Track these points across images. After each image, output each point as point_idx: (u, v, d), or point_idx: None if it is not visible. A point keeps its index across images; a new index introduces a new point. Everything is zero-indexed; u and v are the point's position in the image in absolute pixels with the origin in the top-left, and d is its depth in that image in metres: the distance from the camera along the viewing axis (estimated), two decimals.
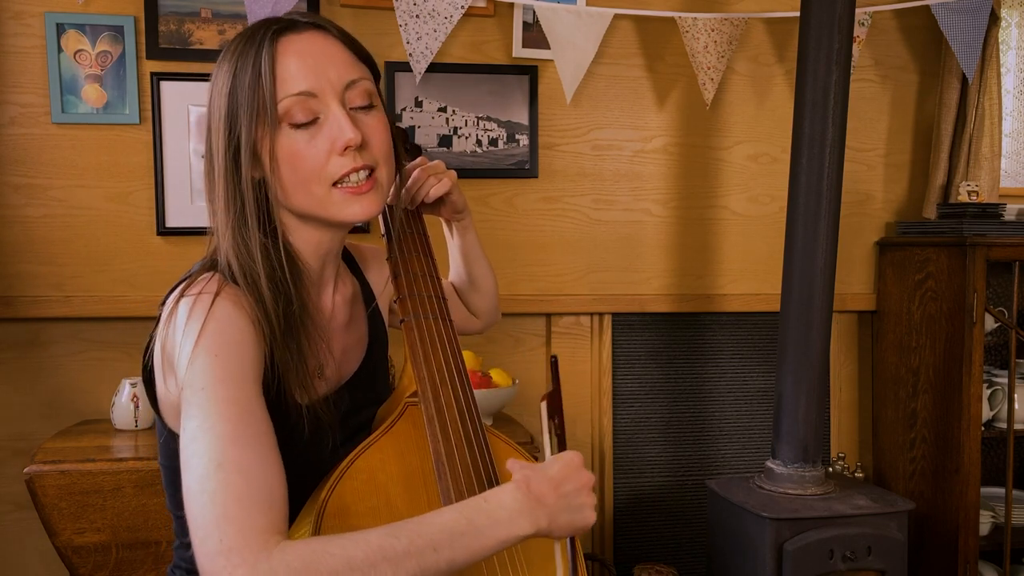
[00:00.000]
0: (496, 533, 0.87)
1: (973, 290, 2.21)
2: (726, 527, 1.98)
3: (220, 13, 2.14)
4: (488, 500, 0.89)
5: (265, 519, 0.81)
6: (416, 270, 1.16)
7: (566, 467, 0.93)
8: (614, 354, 2.42)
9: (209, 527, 0.79)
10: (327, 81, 0.99)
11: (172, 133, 2.12)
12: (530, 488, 0.90)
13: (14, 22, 2.06)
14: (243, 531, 0.79)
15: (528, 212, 2.35)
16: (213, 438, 0.84)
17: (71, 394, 2.14)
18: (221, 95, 1.00)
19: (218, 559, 0.78)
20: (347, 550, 0.79)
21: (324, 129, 0.99)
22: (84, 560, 1.74)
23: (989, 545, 2.32)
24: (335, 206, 1.01)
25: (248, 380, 0.91)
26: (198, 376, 0.89)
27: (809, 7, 1.91)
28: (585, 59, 2.21)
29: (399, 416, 1.08)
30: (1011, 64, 2.78)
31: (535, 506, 0.89)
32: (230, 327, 0.93)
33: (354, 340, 1.17)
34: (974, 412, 2.22)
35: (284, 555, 0.78)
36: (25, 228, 2.10)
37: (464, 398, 1.07)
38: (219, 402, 0.87)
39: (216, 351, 0.90)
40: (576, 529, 0.93)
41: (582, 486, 0.93)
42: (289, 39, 0.99)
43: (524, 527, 0.88)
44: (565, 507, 0.91)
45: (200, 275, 0.99)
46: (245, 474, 0.83)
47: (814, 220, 1.92)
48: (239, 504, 0.81)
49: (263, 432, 0.88)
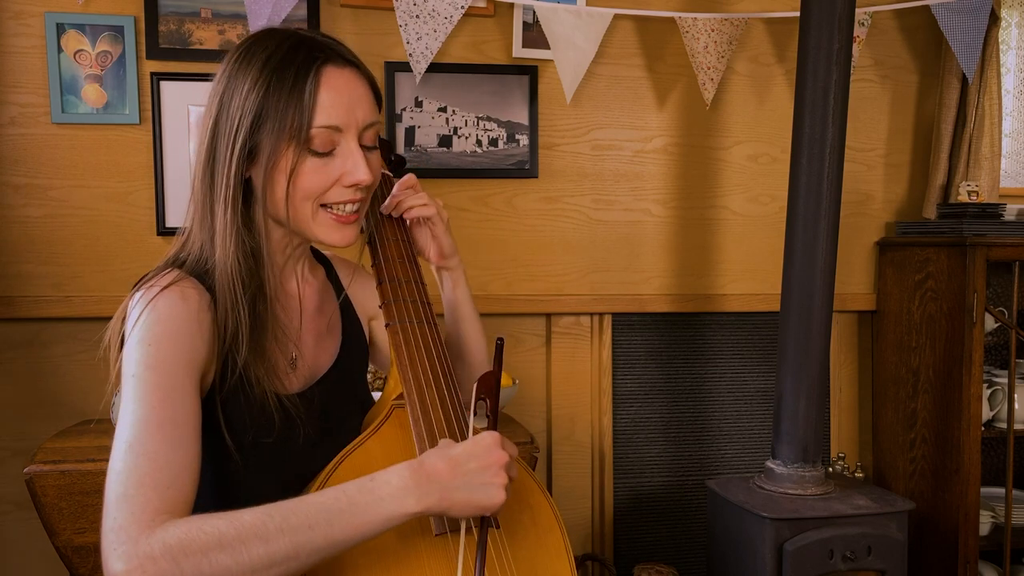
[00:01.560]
0: (379, 510, 0.88)
1: (973, 290, 2.21)
2: (726, 527, 1.98)
3: (220, 13, 2.14)
4: (374, 479, 0.90)
5: (159, 500, 0.85)
6: (400, 276, 1.17)
7: (474, 445, 0.93)
8: (614, 354, 2.42)
9: (109, 506, 0.84)
10: (354, 120, 1.04)
11: (172, 133, 2.12)
12: (423, 465, 0.91)
13: (14, 22, 2.06)
14: (134, 511, 0.83)
15: (528, 212, 2.35)
16: (132, 422, 0.89)
17: (71, 394, 2.14)
18: (244, 101, 1.02)
19: (109, 535, 0.82)
20: (220, 528, 0.83)
21: (338, 161, 1.04)
22: (84, 560, 1.74)
23: (989, 545, 2.32)
24: (319, 227, 1.06)
25: (179, 368, 0.94)
26: (131, 364, 0.94)
27: (809, 7, 1.91)
28: (585, 59, 2.21)
29: (385, 418, 1.09)
30: (1011, 64, 2.78)
31: (424, 483, 0.89)
32: (169, 318, 0.97)
33: (324, 330, 1.18)
34: (974, 412, 2.22)
35: (164, 533, 0.82)
36: (25, 228, 2.10)
37: (450, 399, 1.07)
38: (144, 388, 0.92)
39: (150, 340, 0.95)
40: (478, 508, 0.92)
41: (489, 464, 0.92)
42: (332, 72, 1.03)
43: (410, 504, 0.89)
44: (463, 485, 0.91)
45: (160, 271, 1.04)
46: (151, 456, 0.87)
47: (814, 220, 1.92)
48: (139, 485, 0.85)
49: (183, 418, 0.92)
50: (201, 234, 1.06)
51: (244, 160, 1.02)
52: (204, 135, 1.04)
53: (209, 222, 1.04)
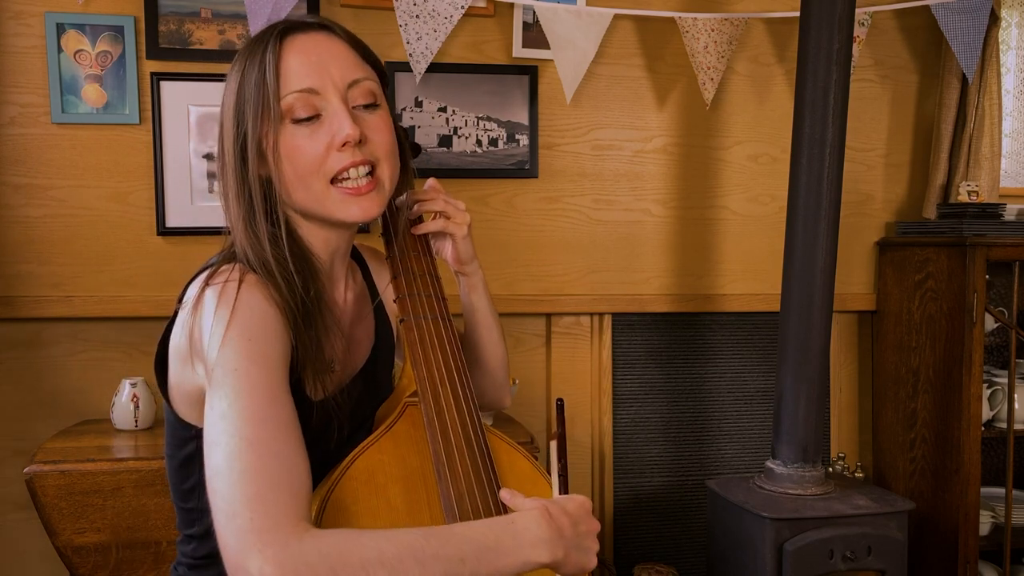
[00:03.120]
0: (519, 555, 0.88)
1: (973, 290, 2.21)
2: (726, 527, 1.98)
3: (220, 13, 2.14)
4: (515, 522, 0.90)
5: (295, 504, 0.81)
6: (416, 269, 1.15)
7: (581, 508, 0.96)
8: (614, 354, 2.42)
9: (238, 505, 0.79)
10: (330, 79, 1.00)
11: (172, 133, 2.12)
12: (552, 519, 0.91)
13: (14, 22, 2.06)
14: (273, 513, 0.79)
15: (528, 212, 2.35)
16: (245, 418, 0.85)
17: (71, 394, 2.14)
18: (231, 94, 1.02)
19: (248, 536, 0.78)
20: (379, 543, 0.80)
21: (325, 125, 1.00)
22: (84, 560, 1.74)
23: (989, 545, 2.32)
24: (333, 204, 1.02)
25: (278, 365, 0.91)
26: (230, 357, 0.89)
27: (809, 7, 1.91)
28: (585, 59, 2.21)
29: (399, 416, 1.07)
30: (1011, 64, 2.78)
31: (556, 537, 0.90)
32: (259, 312, 0.94)
33: (362, 336, 1.17)
34: (974, 412, 2.22)
35: (317, 540, 0.78)
36: (25, 228, 2.10)
37: (464, 398, 1.06)
38: (250, 383, 0.87)
39: (249, 335, 0.91)
40: (582, 569, 0.94)
41: (592, 530, 0.96)
42: (294, 38, 1.01)
43: (544, 555, 0.89)
44: (577, 545, 0.93)
45: (222, 265, 1.00)
46: (276, 456, 0.83)
47: (814, 220, 1.92)
48: (271, 485, 0.81)
49: (291, 418, 0.88)
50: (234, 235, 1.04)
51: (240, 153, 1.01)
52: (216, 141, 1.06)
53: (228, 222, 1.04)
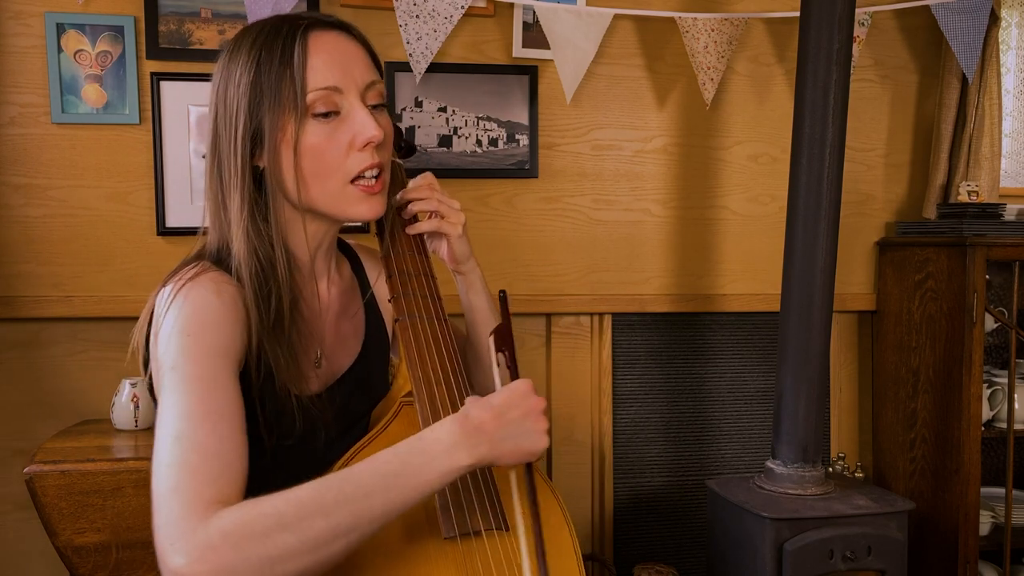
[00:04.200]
0: (434, 467, 0.87)
1: (973, 290, 2.21)
2: (726, 527, 1.98)
3: (220, 13, 2.14)
4: (422, 438, 0.89)
5: (212, 490, 0.82)
6: (410, 269, 1.15)
7: (512, 394, 0.93)
8: (614, 354, 2.42)
9: (160, 500, 0.82)
10: (352, 79, 1.02)
11: (172, 133, 2.12)
12: (468, 418, 0.90)
13: (14, 22, 2.06)
14: (187, 503, 0.80)
15: (528, 212, 2.35)
16: (176, 414, 0.87)
17: (71, 394, 2.14)
18: (238, 86, 1.00)
19: (163, 530, 0.80)
20: (278, 508, 0.80)
21: (346, 124, 1.01)
22: (84, 560, 1.74)
23: (989, 545, 2.32)
24: (348, 202, 1.03)
25: (218, 359, 0.92)
26: (171, 355, 0.91)
27: (809, 7, 1.91)
28: (585, 59, 2.21)
29: (394, 416, 1.07)
30: (1011, 64, 2.78)
31: (473, 435, 0.89)
32: (204, 308, 0.95)
33: (348, 331, 1.17)
34: (974, 412, 2.22)
35: (219, 519, 0.79)
36: (25, 228, 2.10)
37: (460, 398, 1.06)
38: (186, 379, 0.89)
39: (189, 331, 0.92)
40: (525, 454, 0.93)
41: (529, 410, 0.93)
42: (319, 35, 1.01)
43: (462, 458, 0.88)
44: (509, 434, 0.91)
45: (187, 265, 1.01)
46: (199, 448, 0.85)
47: (814, 220, 1.92)
48: (191, 477, 0.82)
49: (226, 410, 0.89)
50: (218, 231, 1.04)
51: (248, 145, 1.00)
52: (209, 133, 1.04)
53: (224, 217, 1.03)
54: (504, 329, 1.00)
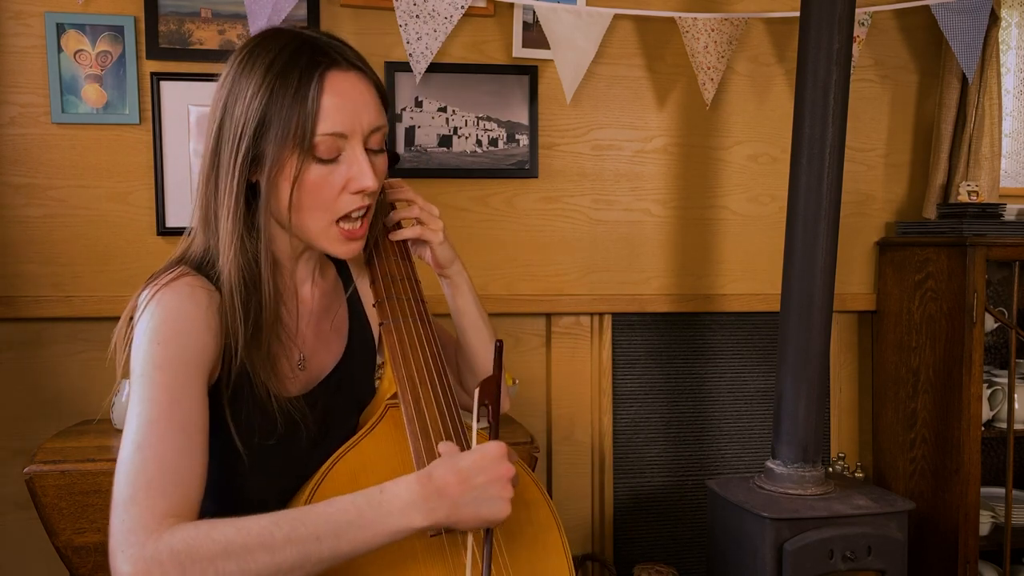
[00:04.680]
0: (386, 524, 0.87)
1: (973, 290, 2.21)
2: (726, 527, 1.98)
3: (220, 13, 2.14)
4: (384, 491, 0.89)
5: (166, 503, 0.85)
6: (394, 272, 1.16)
7: (482, 458, 0.92)
8: (614, 354, 2.42)
9: (117, 507, 0.85)
10: (359, 125, 1.02)
11: (172, 133, 2.12)
12: (431, 478, 0.90)
13: (14, 22, 2.06)
14: (142, 513, 0.83)
15: (528, 212, 2.35)
16: (140, 422, 0.89)
17: (71, 394, 2.14)
18: (248, 107, 1.00)
19: (116, 536, 0.83)
20: (227, 536, 0.83)
21: (343, 168, 1.02)
22: (84, 560, 1.74)
23: (989, 545, 2.32)
24: (329, 240, 1.05)
25: (188, 367, 0.94)
26: (139, 362, 0.93)
27: (809, 7, 1.91)
28: (585, 59, 2.21)
29: (380, 418, 1.08)
30: (1011, 64, 2.78)
31: (432, 497, 0.89)
32: (176, 316, 0.96)
33: (330, 332, 1.17)
34: (974, 412, 2.22)
35: (171, 537, 0.82)
36: (25, 228, 2.10)
37: (444, 398, 1.07)
38: (153, 387, 0.91)
39: (159, 339, 0.94)
40: (484, 522, 0.92)
41: (496, 477, 0.92)
42: (336, 77, 1.01)
43: (416, 519, 0.88)
44: (472, 500, 0.90)
45: (166, 270, 1.03)
46: (159, 459, 0.87)
47: (814, 220, 1.92)
48: (146, 487, 0.85)
49: (189, 420, 0.91)
50: (205, 236, 1.04)
51: (247, 166, 1.01)
52: (209, 139, 1.03)
53: (213, 226, 1.03)
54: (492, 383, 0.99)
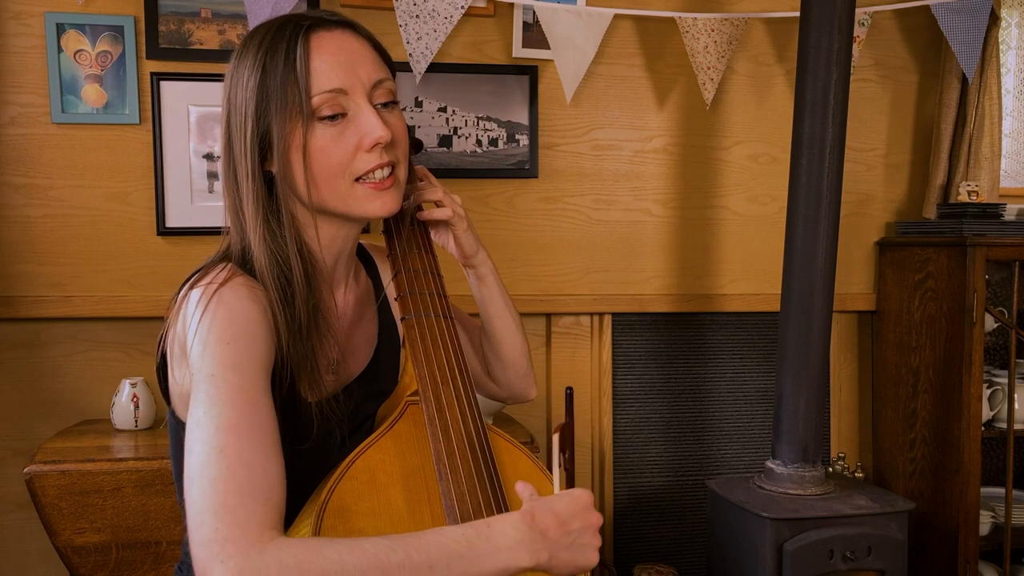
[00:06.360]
0: (495, 560, 0.86)
1: (973, 290, 2.21)
2: (726, 527, 1.98)
3: (220, 13, 2.14)
4: (492, 526, 0.87)
5: (263, 512, 0.80)
6: (417, 266, 1.15)
7: (575, 504, 0.92)
8: (614, 354, 2.42)
9: (205, 513, 0.79)
10: (357, 79, 1.00)
11: (172, 133, 2.12)
12: (535, 520, 0.89)
13: (14, 22, 2.06)
14: (239, 521, 0.78)
15: (528, 212, 2.35)
16: (218, 425, 0.84)
17: (71, 394, 2.14)
18: (246, 89, 0.99)
19: (212, 546, 0.77)
20: (341, 554, 0.78)
21: (352, 125, 1.00)
22: (84, 560, 1.75)
23: (989, 545, 2.32)
24: (357, 200, 1.02)
25: (257, 370, 0.90)
26: (208, 363, 0.88)
27: (809, 7, 1.91)
28: (585, 59, 2.21)
29: (400, 415, 1.07)
30: (1011, 64, 2.78)
31: (537, 539, 0.88)
32: (241, 315, 0.93)
33: (362, 339, 1.16)
34: (974, 412, 2.22)
35: (279, 550, 0.77)
36: (25, 228, 2.10)
37: (466, 397, 1.06)
38: (226, 389, 0.86)
39: (228, 339, 0.90)
40: (577, 568, 0.92)
41: (588, 525, 0.92)
42: (321, 36, 1.00)
43: (524, 558, 0.87)
44: (568, 544, 0.90)
45: (213, 266, 0.99)
46: (247, 464, 0.82)
47: (814, 220, 1.92)
48: (238, 493, 0.80)
49: (267, 424, 0.87)
50: (237, 229, 1.03)
51: (258, 148, 0.99)
52: (222, 136, 1.03)
53: (242, 216, 1.02)
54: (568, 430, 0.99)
